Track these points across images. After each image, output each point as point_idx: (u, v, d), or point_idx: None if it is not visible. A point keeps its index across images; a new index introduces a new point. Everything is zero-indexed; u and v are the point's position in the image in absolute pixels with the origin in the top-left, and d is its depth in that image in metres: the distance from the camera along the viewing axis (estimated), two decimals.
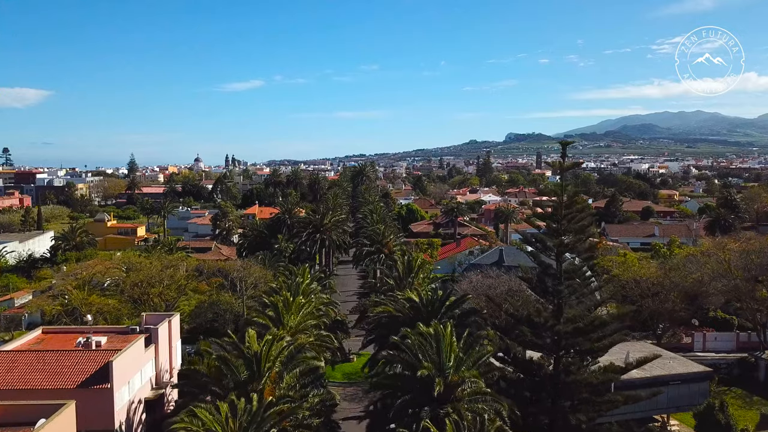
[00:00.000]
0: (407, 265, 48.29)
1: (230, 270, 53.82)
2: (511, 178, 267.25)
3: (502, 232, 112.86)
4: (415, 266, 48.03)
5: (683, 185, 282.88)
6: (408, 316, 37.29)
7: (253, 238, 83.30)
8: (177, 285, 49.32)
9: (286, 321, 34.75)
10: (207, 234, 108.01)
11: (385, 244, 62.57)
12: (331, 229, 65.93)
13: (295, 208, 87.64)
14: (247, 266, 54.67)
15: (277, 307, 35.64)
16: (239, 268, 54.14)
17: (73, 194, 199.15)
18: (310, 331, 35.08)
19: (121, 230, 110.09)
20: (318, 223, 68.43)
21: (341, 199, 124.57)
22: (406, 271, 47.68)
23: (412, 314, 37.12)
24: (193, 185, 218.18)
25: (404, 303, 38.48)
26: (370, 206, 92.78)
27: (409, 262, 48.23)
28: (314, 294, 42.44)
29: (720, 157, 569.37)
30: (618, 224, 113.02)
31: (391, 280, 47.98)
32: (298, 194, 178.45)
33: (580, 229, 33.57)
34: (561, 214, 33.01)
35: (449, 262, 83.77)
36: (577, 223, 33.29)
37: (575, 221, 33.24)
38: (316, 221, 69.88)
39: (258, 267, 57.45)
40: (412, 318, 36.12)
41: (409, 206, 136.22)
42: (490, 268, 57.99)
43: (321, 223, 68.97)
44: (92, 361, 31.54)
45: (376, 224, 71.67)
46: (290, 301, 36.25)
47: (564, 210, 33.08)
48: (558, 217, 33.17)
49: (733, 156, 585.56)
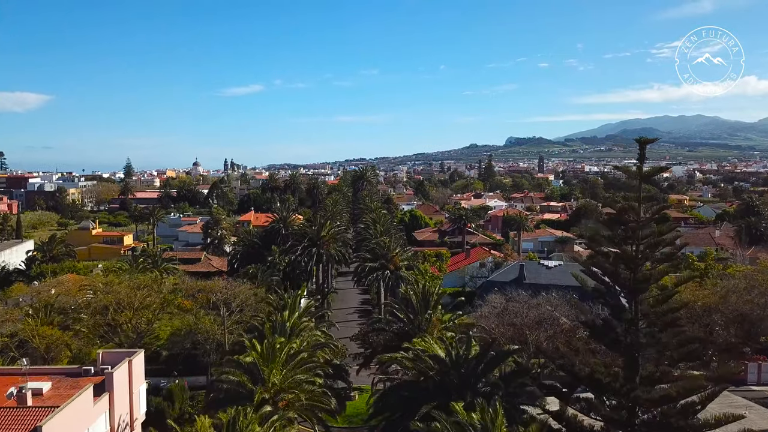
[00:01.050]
0: (423, 296, 38.25)
1: (213, 290, 46.80)
2: (515, 182, 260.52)
3: (512, 241, 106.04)
4: (433, 297, 38.58)
5: (690, 190, 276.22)
6: (433, 382, 27.73)
7: (246, 249, 76.47)
8: (152, 309, 42.31)
9: (268, 377, 27.26)
10: (198, 243, 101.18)
11: (391, 259, 55.15)
12: (329, 242, 58.87)
13: (291, 216, 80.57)
14: (231, 287, 47.63)
15: (257, 364, 28.09)
16: (222, 288, 47.14)
17: (64, 200, 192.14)
18: (300, 389, 27.62)
19: (106, 239, 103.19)
20: (314, 236, 61.09)
21: (341, 205, 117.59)
22: (421, 305, 37.63)
23: (439, 379, 27.73)
24: (188, 190, 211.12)
25: (428, 362, 28.48)
26: (372, 214, 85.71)
27: (425, 294, 38.56)
28: (307, 331, 35.24)
29: (722, 161, 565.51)
30: None
31: (401, 313, 38.09)
32: (296, 200, 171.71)
33: (667, 257, 25.32)
34: (639, 235, 24.73)
35: (459, 274, 76.97)
36: (662, 248, 25.01)
37: (659, 246, 24.80)
38: (312, 233, 62.11)
39: (245, 286, 50.53)
40: (439, 386, 27.35)
41: (413, 212, 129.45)
42: (509, 287, 51.20)
43: (318, 235, 61.21)
44: (18, 425, 24.48)
45: (380, 235, 64.97)
46: (275, 347, 28.86)
47: (643, 230, 24.73)
48: (635, 240, 24.74)
49: (735, 160, 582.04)
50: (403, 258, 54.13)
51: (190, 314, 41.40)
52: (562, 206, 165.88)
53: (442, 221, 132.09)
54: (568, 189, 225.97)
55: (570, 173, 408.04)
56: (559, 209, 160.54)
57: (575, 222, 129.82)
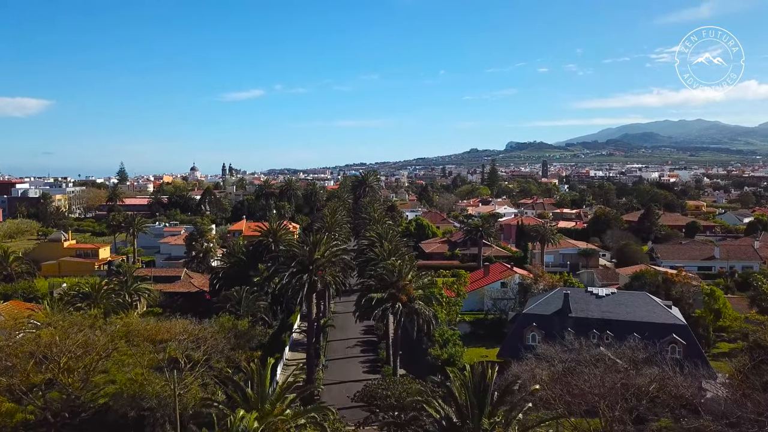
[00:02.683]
0: (477, 390, 23.42)
1: (167, 335, 35.94)
2: (522, 187, 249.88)
3: (531, 254, 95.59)
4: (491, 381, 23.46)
5: (702, 195, 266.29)
6: None
7: (230, 267, 66.06)
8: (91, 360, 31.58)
9: None
10: (182, 256, 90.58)
11: (403, 288, 42.63)
12: (325, 266, 47.58)
13: (282, 230, 69.81)
14: (190, 332, 36.60)
15: None
16: (180, 333, 36.28)
17: (48, 206, 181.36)
18: None
19: (79, 252, 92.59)
20: (306, 259, 47.33)
21: (341, 214, 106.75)
22: (473, 404, 23.16)
23: None
24: (179, 196, 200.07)
25: None
26: (377, 227, 74.07)
27: (482, 383, 23.56)
28: None
29: (724, 165, 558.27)
30: (669, 244, 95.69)
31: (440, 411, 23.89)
32: (292, 207, 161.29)
33: None
34: None
35: (477, 296, 66.58)
36: None
37: None
38: (303, 255, 47.90)
39: (212, 329, 40.04)
40: None
41: (419, 221, 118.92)
42: (551, 323, 40.89)
43: (310, 258, 47.25)
44: None
45: (388, 255, 53.75)
46: None
47: None
48: None
49: (738, 164, 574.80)
50: (419, 286, 43.19)
51: (138, 367, 30.66)
52: (576, 213, 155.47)
53: (451, 230, 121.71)
54: (579, 195, 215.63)
55: (575, 178, 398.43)
56: (573, 217, 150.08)
57: (594, 231, 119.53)
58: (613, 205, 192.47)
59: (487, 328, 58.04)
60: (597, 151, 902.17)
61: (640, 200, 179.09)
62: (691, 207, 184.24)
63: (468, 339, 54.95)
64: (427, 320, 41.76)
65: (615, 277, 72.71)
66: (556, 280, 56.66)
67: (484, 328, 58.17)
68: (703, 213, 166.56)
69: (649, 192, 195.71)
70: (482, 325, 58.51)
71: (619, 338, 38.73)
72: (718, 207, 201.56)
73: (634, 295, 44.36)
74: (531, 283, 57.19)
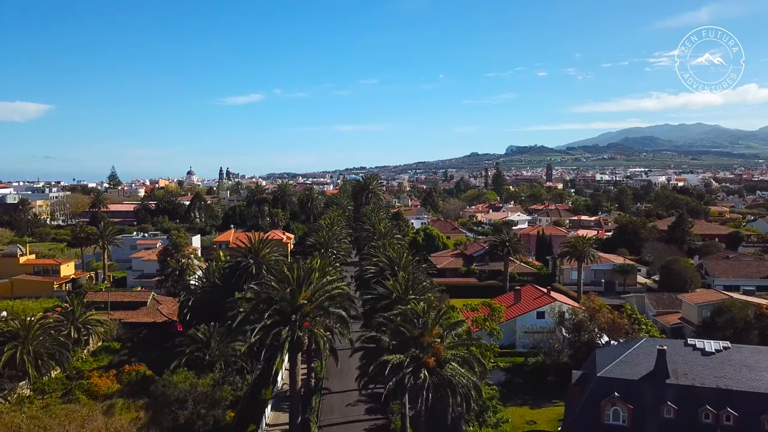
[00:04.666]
0: None
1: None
2: (532, 192, 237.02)
3: (559, 269, 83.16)
4: None
5: (716, 200, 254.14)
6: None
7: (203, 294, 53.49)
8: None
9: None
10: (156, 273, 77.89)
11: (430, 347, 29.48)
12: (315, 314, 33.53)
13: (266, 250, 56.59)
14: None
15: None
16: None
17: (26, 213, 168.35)
18: None
19: (38, 268, 79.90)
20: (288, 304, 33.55)
21: (339, 226, 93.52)
22: None
23: None
24: (168, 202, 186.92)
25: None
26: (383, 243, 60.23)
27: None
28: None
29: (727, 169, 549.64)
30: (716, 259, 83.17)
31: None
32: (287, 214, 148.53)
33: None
34: None
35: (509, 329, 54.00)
36: None
37: None
38: (283, 298, 34.02)
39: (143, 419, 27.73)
40: None
41: (428, 231, 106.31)
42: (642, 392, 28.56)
43: (294, 303, 33.51)
44: None
45: (404, 291, 39.74)
46: None
47: None
48: None
49: (741, 168, 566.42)
50: (451, 345, 29.75)
51: None
52: (596, 221, 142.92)
53: (463, 241, 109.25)
54: (592, 200, 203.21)
55: (581, 182, 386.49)
56: (592, 224, 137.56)
57: (621, 241, 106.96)
58: (631, 211, 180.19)
59: (527, 376, 45.54)
60: (598, 154, 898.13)
61: (658, 206, 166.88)
62: (714, 213, 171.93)
63: (505, 392, 42.57)
64: (465, 394, 28.92)
65: (674, 304, 60.03)
66: (624, 323, 43.20)
67: (522, 376, 45.66)
68: (733, 220, 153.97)
69: (669, 197, 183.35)
70: (520, 371, 45.93)
71: (746, 418, 26.43)
72: (737, 212, 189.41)
73: (761, 351, 31.35)
74: (585, 319, 44.59)
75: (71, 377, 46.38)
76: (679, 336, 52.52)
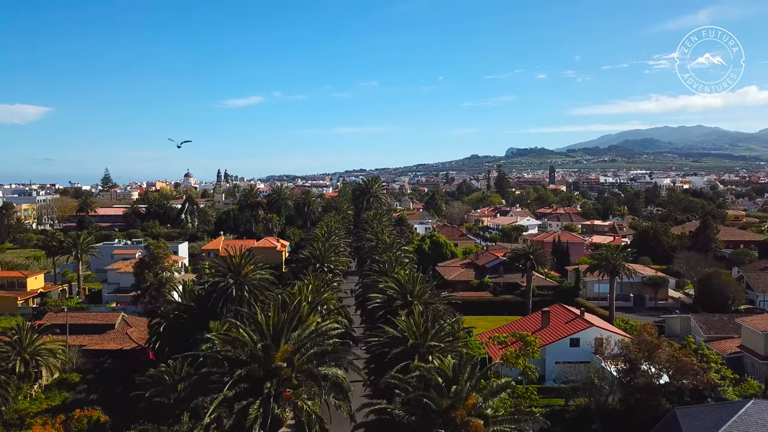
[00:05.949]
0: None
1: None
2: (538, 195, 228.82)
3: (583, 283, 75.01)
4: None
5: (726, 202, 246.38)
6: None
7: (175, 318, 45.33)
8: None
9: None
10: (132, 288, 69.51)
11: (465, 428, 20.95)
12: (298, 379, 24.53)
13: (250, 267, 48.59)
14: None
15: None
16: None
17: (8, 218, 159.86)
18: None
19: (1, 281, 71.70)
20: (260, 365, 25.31)
21: (338, 234, 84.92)
22: None
23: None
24: (159, 205, 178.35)
25: None
26: (387, 255, 51.61)
27: None
28: None
29: (729, 171, 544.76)
30: (756, 270, 75.04)
31: None
32: (282, 219, 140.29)
33: None
34: None
35: (538, 360, 45.80)
36: None
37: None
38: (255, 356, 26.28)
39: None
40: None
41: (434, 238, 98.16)
42: None
43: (268, 363, 25.00)
44: None
45: (423, 336, 30.84)
46: None
47: None
48: None
49: (743, 170, 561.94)
50: (494, 417, 20.49)
51: None
52: (610, 226, 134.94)
53: (471, 249, 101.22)
54: (602, 203, 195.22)
55: (584, 184, 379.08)
56: (606, 229, 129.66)
57: (642, 249, 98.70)
58: (644, 215, 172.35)
59: (569, 422, 37.21)
60: (599, 156, 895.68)
61: (673, 209, 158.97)
62: (731, 217, 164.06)
63: None
64: None
65: (726, 328, 51.67)
66: (692, 362, 34.80)
67: (563, 423, 37.21)
68: (752, 224, 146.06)
69: (682, 200, 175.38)
70: (560, 417, 37.51)
71: None
72: (752, 216, 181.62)
73: None
74: (640, 356, 36.22)
75: (10, 424, 38.10)
76: (739, 369, 44.47)
